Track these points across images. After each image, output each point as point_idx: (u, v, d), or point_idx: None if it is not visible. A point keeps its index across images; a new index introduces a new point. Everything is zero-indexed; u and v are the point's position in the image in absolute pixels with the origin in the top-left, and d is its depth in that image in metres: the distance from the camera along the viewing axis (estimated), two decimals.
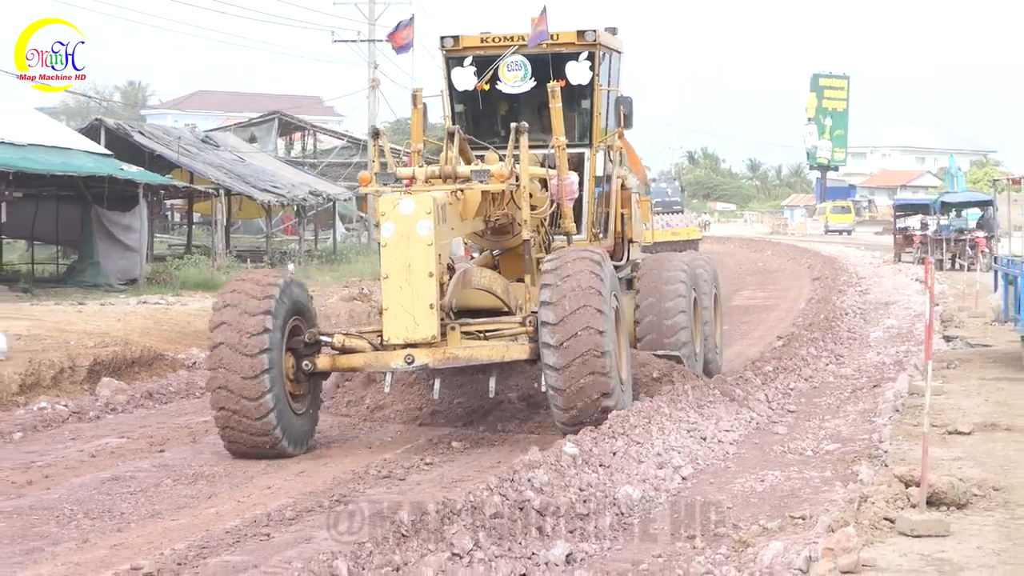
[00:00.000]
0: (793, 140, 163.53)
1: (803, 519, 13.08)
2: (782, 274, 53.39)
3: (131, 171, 44.48)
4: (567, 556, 11.76)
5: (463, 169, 18.98)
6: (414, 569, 10.44)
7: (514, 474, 13.44)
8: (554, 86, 19.87)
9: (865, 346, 28.55)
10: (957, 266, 51.14)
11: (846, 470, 15.36)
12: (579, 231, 21.46)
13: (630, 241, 23.39)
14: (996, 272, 28.28)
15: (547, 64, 21.13)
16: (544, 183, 20.56)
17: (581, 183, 21.32)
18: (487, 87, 21.45)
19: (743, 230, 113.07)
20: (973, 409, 18.90)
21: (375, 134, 19.81)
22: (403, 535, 11.22)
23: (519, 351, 17.87)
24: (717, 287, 25.97)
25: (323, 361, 18.26)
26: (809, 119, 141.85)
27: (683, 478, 15.18)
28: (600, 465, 14.94)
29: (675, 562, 11.83)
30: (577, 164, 21.36)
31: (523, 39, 21.02)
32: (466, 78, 21.52)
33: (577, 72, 21.22)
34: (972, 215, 60.02)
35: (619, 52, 22.97)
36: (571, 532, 12.49)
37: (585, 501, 13.48)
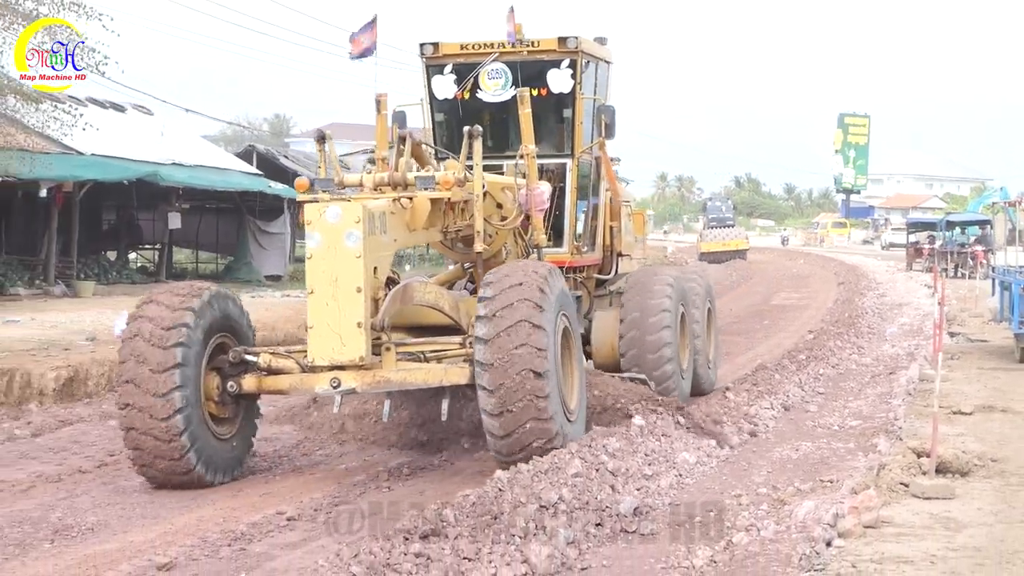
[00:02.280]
0: (822, 168, 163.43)
1: (831, 482, 12.98)
2: (813, 279, 53.09)
3: (277, 188, 44.67)
4: (635, 509, 11.72)
5: (411, 176, 14.77)
6: (509, 518, 10.43)
7: (591, 441, 13.44)
8: (523, 91, 16.34)
9: (882, 340, 28.29)
10: (959, 274, 50.64)
11: (867, 442, 15.23)
12: (560, 244, 17.76)
13: (619, 254, 19.37)
14: (993, 280, 28.18)
15: (528, 72, 17.49)
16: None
17: (562, 194, 17.78)
18: (467, 96, 17.81)
19: (779, 242, 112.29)
20: (974, 393, 18.72)
21: (320, 138, 15.48)
22: (500, 489, 11.21)
23: (458, 375, 13.44)
24: (711, 301, 21.11)
25: (249, 382, 13.84)
26: (836, 151, 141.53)
27: (731, 447, 15.07)
28: (663, 435, 14.88)
29: (724, 516, 11.77)
30: (560, 175, 17.84)
31: (504, 46, 17.66)
32: (446, 86, 17.89)
33: (558, 80, 17.46)
34: (972, 231, 59.71)
35: (607, 62, 18.98)
36: (638, 489, 12.45)
37: (650, 464, 13.45)
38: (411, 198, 14.24)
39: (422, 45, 18.04)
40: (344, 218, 13.02)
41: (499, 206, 16.12)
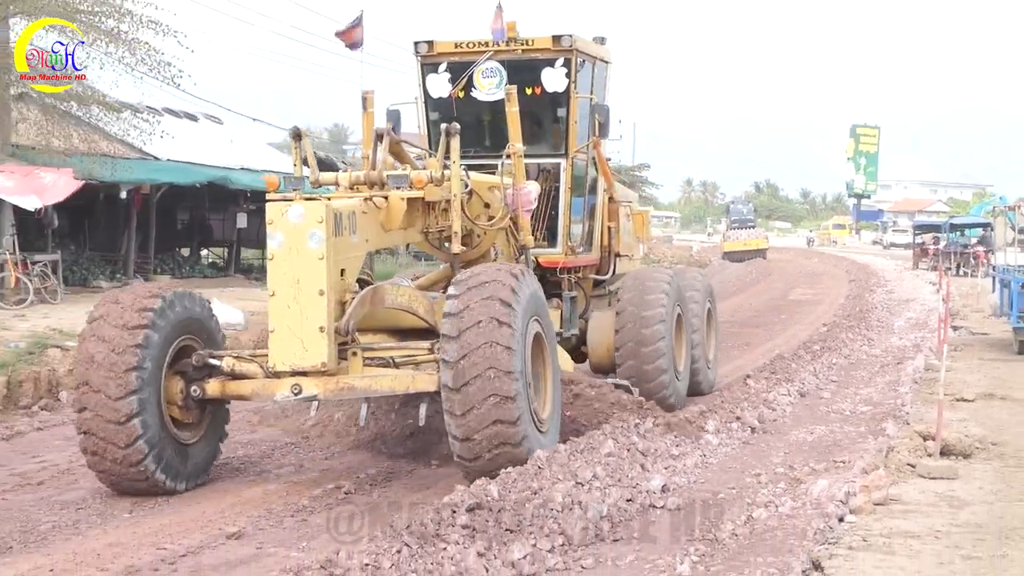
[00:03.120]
0: (835, 173, 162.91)
1: (843, 463, 12.99)
2: (826, 276, 52.86)
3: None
4: (662, 486, 11.73)
5: (417, 176, 13.22)
6: (547, 493, 10.45)
7: (622, 423, 13.45)
8: (511, 89, 14.66)
9: (890, 332, 28.20)
10: (961, 273, 50.44)
11: (876, 427, 15.19)
12: (555, 244, 16.14)
13: (617, 255, 17.56)
14: (993, 278, 28.33)
15: (523, 71, 15.81)
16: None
17: (556, 193, 16.22)
18: (462, 94, 16.10)
19: (796, 242, 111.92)
20: (975, 382, 18.69)
21: (296, 135, 13.79)
22: (539, 467, 11.24)
23: (426, 382, 11.81)
24: (711, 302, 19.41)
25: (213, 387, 12.10)
26: (848, 158, 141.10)
27: (751, 429, 15.04)
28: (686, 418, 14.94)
29: (744, 493, 11.78)
30: (555, 174, 16.25)
31: (499, 45, 15.97)
32: (441, 85, 16.19)
33: (553, 79, 15.75)
34: (973, 233, 59.44)
35: (604, 61, 17.22)
36: (666, 468, 12.46)
37: (677, 445, 13.46)
38: (386, 197, 12.87)
39: (416, 43, 16.48)
40: (307, 218, 11.39)
41: (487, 206, 14.46)
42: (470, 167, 14.55)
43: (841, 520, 10.45)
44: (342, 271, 11.86)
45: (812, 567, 8.94)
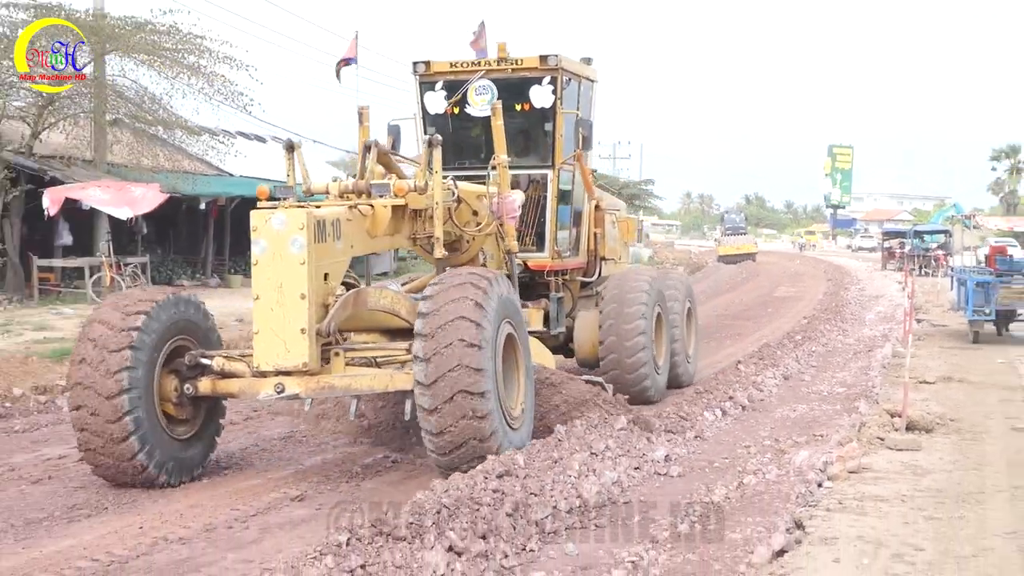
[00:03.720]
0: (815, 187, 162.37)
1: (822, 436, 12.92)
2: (806, 276, 52.62)
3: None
4: (665, 456, 11.72)
5: (399, 185, 12.11)
6: (566, 462, 10.46)
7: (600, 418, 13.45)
8: (496, 104, 13.78)
9: (862, 324, 28.10)
10: (923, 273, 50.32)
11: (850, 405, 15.12)
12: (543, 249, 15.17)
13: (603, 259, 16.58)
14: (951, 277, 28.21)
15: (513, 88, 14.84)
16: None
17: (544, 202, 15.21)
18: (457, 110, 15.15)
19: (781, 247, 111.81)
20: (936, 367, 18.61)
21: (289, 147, 12.78)
22: (559, 440, 11.25)
23: (404, 381, 10.69)
24: (691, 301, 18.15)
25: (205, 385, 11.17)
26: (826, 174, 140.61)
27: (741, 407, 15.02)
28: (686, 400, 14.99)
29: (737, 462, 11.76)
30: (543, 184, 15.21)
31: (490, 64, 15.08)
32: (437, 102, 15.20)
33: (540, 96, 14.79)
34: (934, 239, 59.31)
35: (590, 80, 16.08)
36: (668, 441, 12.44)
37: (679, 421, 13.45)
38: (371, 205, 11.75)
39: (415, 63, 15.36)
40: (289, 225, 10.44)
41: (475, 213, 13.38)
42: (466, 178, 13.84)
43: (820, 486, 10.43)
44: (325, 275, 10.82)
45: (795, 526, 8.92)
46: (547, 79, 14.80)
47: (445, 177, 12.58)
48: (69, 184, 28.31)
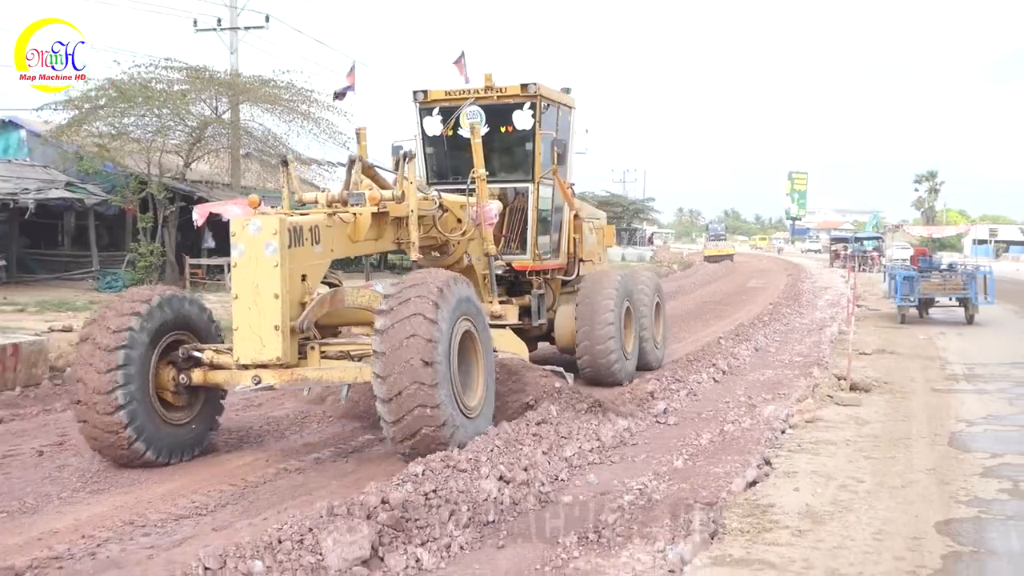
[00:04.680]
0: (778, 203, 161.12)
1: (784, 394, 12.87)
2: (771, 272, 52.16)
3: None
4: (664, 409, 11.66)
5: (373, 195, 10.48)
6: (584, 424, 10.43)
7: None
8: (475, 123, 12.59)
9: (814, 309, 27.86)
10: (861, 269, 49.74)
11: (806, 371, 15.04)
12: (525, 251, 13.64)
13: (581, 260, 14.97)
14: (884, 272, 28.15)
15: (498, 113, 13.49)
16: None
17: (519, 211, 13.68)
18: (451, 132, 13.66)
19: (748, 250, 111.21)
20: (872, 342, 18.38)
21: (284, 162, 11.26)
22: (582, 411, 11.22)
23: (371, 373, 8.93)
24: (660, 296, 16.23)
25: (197, 375, 9.75)
26: (787, 194, 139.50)
27: (723, 372, 14.93)
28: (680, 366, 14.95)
29: (719, 414, 11.71)
30: (526, 196, 13.65)
31: (479, 92, 13.57)
32: (434, 125, 13.75)
33: (522, 119, 13.39)
34: (870, 244, 58.90)
35: (568, 107, 14.51)
36: (666, 398, 12.37)
37: (675, 383, 13.40)
38: (354, 213, 10.27)
39: (415, 92, 13.84)
40: (264, 230, 9.13)
41: (459, 221, 11.97)
42: (458, 191, 12.39)
43: (783, 432, 10.37)
44: (303, 276, 9.41)
45: (764, 463, 8.86)
46: (528, 104, 13.40)
47: (435, 191, 11.73)
48: (213, 202, 28.53)
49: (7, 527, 7.58)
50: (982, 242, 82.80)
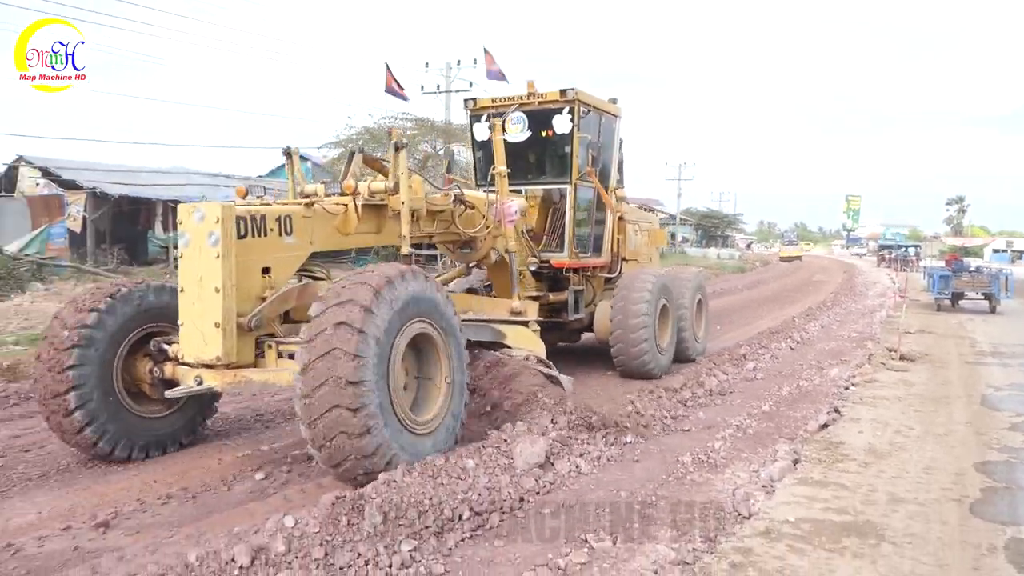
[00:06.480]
0: (836, 218, 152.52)
1: (845, 361, 12.04)
2: (832, 270, 49.32)
3: None
4: (753, 368, 11.02)
5: (347, 183, 7.25)
6: (692, 370, 10.09)
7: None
8: (496, 121, 9.34)
9: (866, 298, 26.10)
10: (903, 269, 46.59)
11: (862, 344, 14.04)
12: (562, 249, 10.39)
13: (624, 259, 11.68)
14: (924, 271, 26.32)
15: (540, 117, 10.39)
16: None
17: (561, 211, 10.49)
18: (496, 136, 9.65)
19: (818, 252, 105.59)
20: (915, 324, 17.10)
21: (287, 153, 8.02)
22: (695, 361, 10.87)
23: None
24: (702, 294, 12.57)
25: (168, 369, 6.59)
26: (843, 211, 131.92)
27: (797, 342, 14.19)
28: (765, 337, 14.22)
29: (796, 373, 11.05)
30: (561, 195, 10.43)
31: (522, 98, 10.53)
32: (483, 131, 10.69)
33: (561, 123, 10.23)
34: (911, 250, 55.09)
35: (612, 115, 11.02)
36: (754, 359, 11.72)
37: (760, 349, 12.77)
38: (345, 204, 7.23)
39: (465, 101, 11.13)
40: (207, 219, 6.23)
41: (485, 218, 8.81)
42: (513, 192, 9.62)
43: (846, 389, 9.76)
44: (265, 269, 6.47)
45: (834, 410, 8.38)
46: (566, 109, 10.28)
47: (456, 187, 8.63)
48: None
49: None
50: (1000, 251, 76.84)
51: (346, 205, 7.28)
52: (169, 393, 6.30)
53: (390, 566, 4.38)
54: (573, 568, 4.51)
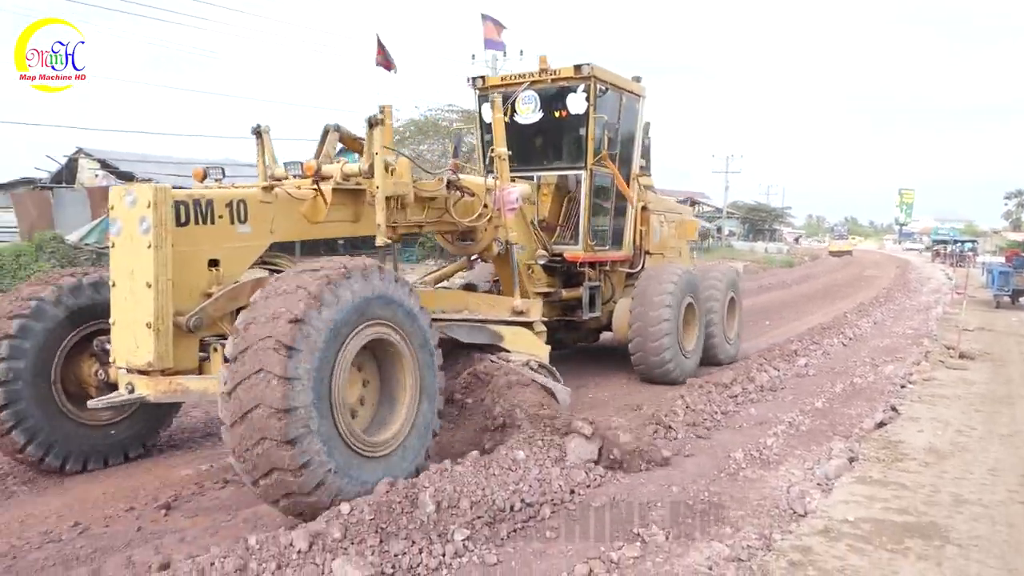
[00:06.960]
0: (889, 212, 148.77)
1: (901, 358, 11.72)
2: (884, 265, 48.14)
3: None
4: (805, 364, 10.80)
5: (328, 168, 6.10)
6: (747, 365, 9.94)
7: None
8: (496, 98, 8.13)
9: (920, 294, 25.39)
10: (960, 265, 45.19)
11: (918, 341, 13.67)
12: (577, 242, 9.15)
13: (647, 253, 10.38)
14: (981, 266, 25.60)
15: (553, 96, 9.06)
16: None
17: (576, 200, 9.22)
18: (507, 118, 8.80)
19: (869, 246, 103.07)
20: (974, 321, 16.59)
21: (257, 132, 6.45)
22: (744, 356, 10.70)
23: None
24: (735, 292, 11.34)
25: (112, 372, 5.46)
26: (896, 205, 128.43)
27: (849, 339, 13.86)
28: (816, 333, 13.93)
29: (849, 370, 10.78)
30: (577, 182, 9.19)
31: (534, 76, 9.12)
32: (490, 111, 8.38)
33: (576, 103, 8.88)
34: (967, 245, 53.37)
35: (634, 94, 9.65)
36: (806, 355, 11.49)
37: (812, 344, 12.52)
38: (315, 189, 6.08)
39: (473, 79, 9.71)
40: (139, 203, 5.19)
41: (485, 206, 7.63)
42: (515, 178, 8.55)
43: (903, 387, 9.50)
44: (213, 261, 5.43)
45: (891, 409, 8.16)
46: (581, 87, 8.95)
47: (449, 171, 7.43)
48: None
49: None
50: None
51: (316, 190, 6.09)
52: (91, 403, 5.37)
53: (443, 555, 4.39)
54: (626, 562, 4.47)
